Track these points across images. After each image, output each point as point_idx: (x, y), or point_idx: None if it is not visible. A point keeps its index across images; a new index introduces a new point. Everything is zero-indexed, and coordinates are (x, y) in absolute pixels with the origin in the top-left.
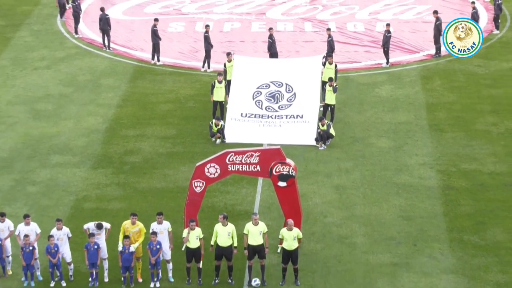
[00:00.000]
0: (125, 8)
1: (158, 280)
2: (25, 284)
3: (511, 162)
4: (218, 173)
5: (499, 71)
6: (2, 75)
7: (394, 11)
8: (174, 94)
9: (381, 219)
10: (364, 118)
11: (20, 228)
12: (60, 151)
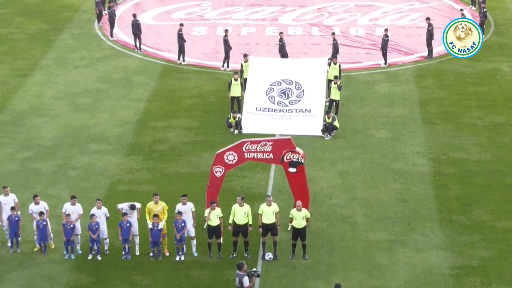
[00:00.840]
0: (154, 14)
1: (183, 254)
2: (66, 257)
3: (494, 152)
4: (236, 160)
5: (484, 71)
6: (46, 73)
7: (391, 17)
8: (197, 90)
9: (379, 201)
10: (365, 112)
11: (66, 206)
12: (97, 140)
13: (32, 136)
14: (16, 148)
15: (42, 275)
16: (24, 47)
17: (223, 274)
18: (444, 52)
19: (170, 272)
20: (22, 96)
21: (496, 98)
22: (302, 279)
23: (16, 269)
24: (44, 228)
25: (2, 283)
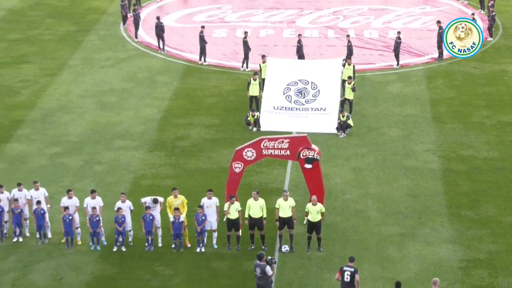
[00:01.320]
0: (177, 17)
1: (204, 246)
2: (92, 248)
3: (501, 149)
4: (254, 156)
5: (492, 72)
6: (74, 73)
7: (403, 20)
8: (218, 90)
9: (391, 196)
10: (378, 111)
11: (87, 201)
12: (122, 137)
13: (60, 133)
14: (45, 144)
15: (69, 265)
16: (53, 47)
17: (242, 265)
18: None
19: (191, 263)
20: (51, 95)
21: (503, 98)
22: (317, 271)
23: (44, 259)
24: (70, 222)
25: (32, 272)
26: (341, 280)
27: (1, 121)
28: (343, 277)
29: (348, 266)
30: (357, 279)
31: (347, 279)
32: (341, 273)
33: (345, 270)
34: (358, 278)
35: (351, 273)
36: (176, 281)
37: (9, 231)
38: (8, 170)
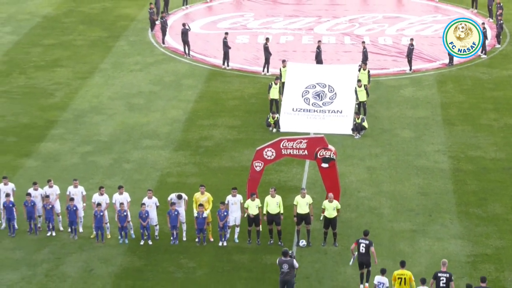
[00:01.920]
0: (202, 24)
1: (226, 240)
2: (120, 242)
3: (508, 151)
4: (274, 156)
5: (500, 77)
6: (104, 76)
7: (416, 28)
8: (240, 93)
9: (403, 194)
10: (391, 114)
11: (116, 197)
12: (149, 137)
13: (91, 133)
14: (77, 143)
15: (99, 257)
16: (85, 52)
17: (261, 258)
18: (463, 60)
19: (213, 256)
20: (83, 97)
21: (510, 101)
22: (333, 264)
23: (76, 252)
24: (101, 218)
25: (64, 263)
26: (358, 251)
27: (36, 121)
28: (359, 249)
29: (363, 239)
30: (372, 250)
31: (362, 251)
32: (357, 244)
33: (360, 243)
34: (373, 250)
35: (366, 245)
36: (199, 273)
37: (42, 225)
38: (42, 167)
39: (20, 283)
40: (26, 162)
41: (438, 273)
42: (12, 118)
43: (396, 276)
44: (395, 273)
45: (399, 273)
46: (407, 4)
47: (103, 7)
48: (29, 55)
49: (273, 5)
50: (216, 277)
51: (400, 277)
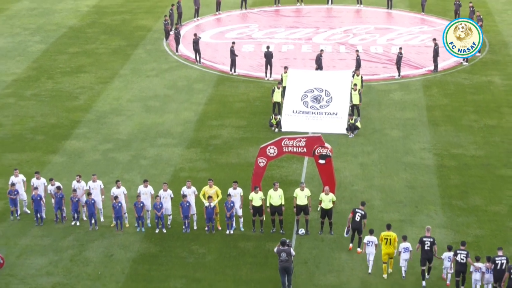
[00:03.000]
0: (211, 34)
1: (232, 229)
2: (137, 230)
3: (487, 149)
4: (276, 153)
5: (480, 83)
6: (124, 81)
7: (404, 38)
8: (245, 96)
9: (392, 188)
10: (382, 115)
11: (140, 189)
12: (164, 135)
13: (112, 132)
14: (99, 141)
15: (118, 244)
16: (106, 59)
17: (265, 245)
18: (447, 67)
19: (221, 243)
20: (104, 99)
21: (489, 104)
22: (329, 251)
23: (97, 239)
24: (119, 209)
25: (87, 249)
26: (352, 219)
27: (62, 122)
28: (354, 217)
29: (360, 209)
30: (364, 222)
31: (357, 219)
32: (353, 213)
33: (357, 212)
34: (365, 222)
35: (361, 215)
36: (209, 258)
37: (68, 215)
38: (67, 163)
39: (48, 267)
40: (53, 158)
41: (423, 238)
42: (40, 119)
43: (383, 236)
44: (382, 234)
45: (385, 234)
46: (396, 16)
47: (122, 19)
48: (56, 62)
49: (276, 17)
50: (224, 262)
51: (386, 238)
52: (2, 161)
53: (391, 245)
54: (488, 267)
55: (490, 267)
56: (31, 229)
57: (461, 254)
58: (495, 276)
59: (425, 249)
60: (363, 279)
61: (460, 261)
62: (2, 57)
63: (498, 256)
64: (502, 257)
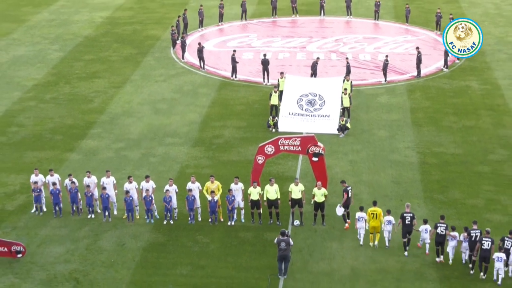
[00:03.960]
0: (214, 43)
1: (233, 221)
2: (147, 221)
3: (465, 147)
4: (273, 151)
5: (459, 87)
6: (135, 86)
7: (390, 46)
8: (245, 99)
9: (379, 183)
10: (369, 117)
11: (143, 184)
12: (171, 135)
13: (124, 132)
14: (112, 140)
15: (129, 234)
16: (119, 66)
17: (263, 235)
18: (429, 73)
19: (223, 233)
20: (116, 102)
21: (467, 107)
22: (321, 240)
23: (110, 229)
24: (131, 202)
25: (101, 239)
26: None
27: (78, 123)
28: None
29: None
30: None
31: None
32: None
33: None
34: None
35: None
36: (212, 247)
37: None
38: (83, 160)
39: (65, 255)
40: (70, 156)
41: (404, 213)
42: (59, 120)
43: (370, 212)
44: (369, 210)
45: (372, 210)
46: (382, 27)
47: (133, 29)
48: (73, 68)
49: (273, 27)
50: (226, 250)
51: (372, 213)
52: (24, 158)
53: (377, 219)
54: (465, 237)
55: (466, 237)
56: (50, 220)
57: (441, 227)
58: (470, 246)
59: (406, 223)
60: (353, 266)
61: (440, 233)
62: (24, 64)
63: (473, 229)
64: (476, 230)
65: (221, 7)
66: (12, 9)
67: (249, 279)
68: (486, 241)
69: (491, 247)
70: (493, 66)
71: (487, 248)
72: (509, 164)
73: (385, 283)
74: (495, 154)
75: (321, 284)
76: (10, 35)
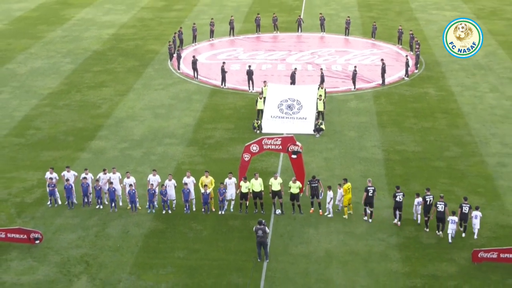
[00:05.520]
0: (206, 56)
1: (224, 210)
2: (148, 211)
3: (424, 146)
4: (257, 150)
5: (418, 94)
6: (137, 93)
7: (359, 58)
8: (233, 105)
9: (349, 177)
10: (341, 120)
11: (150, 177)
12: (169, 136)
13: (127, 133)
14: (117, 141)
15: (133, 222)
16: (123, 76)
17: (249, 223)
18: (392, 81)
19: (215, 221)
20: (121, 108)
21: (425, 111)
22: (300, 227)
23: (116, 219)
24: (134, 195)
25: (108, 227)
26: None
27: (88, 126)
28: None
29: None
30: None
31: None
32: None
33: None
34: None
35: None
36: (205, 233)
37: (93, 200)
38: (92, 159)
39: (77, 241)
40: (81, 155)
41: (367, 187)
42: (71, 123)
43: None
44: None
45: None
46: (352, 41)
47: (136, 44)
48: (83, 79)
49: (257, 42)
50: (217, 236)
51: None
52: (40, 157)
53: (350, 193)
54: (419, 202)
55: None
56: (64, 211)
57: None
58: (425, 209)
59: (369, 195)
60: (327, 249)
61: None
62: (40, 75)
63: (427, 195)
64: (430, 196)
65: (212, 24)
66: (30, 27)
67: (238, 261)
68: (440, 204)
69: (444, 209)
70: (447, 75)
71: (442, 210)
72: (461, 160)
73: (355, 264)
74: (450, 151)
75: (300, 265)
76: (28, 50)
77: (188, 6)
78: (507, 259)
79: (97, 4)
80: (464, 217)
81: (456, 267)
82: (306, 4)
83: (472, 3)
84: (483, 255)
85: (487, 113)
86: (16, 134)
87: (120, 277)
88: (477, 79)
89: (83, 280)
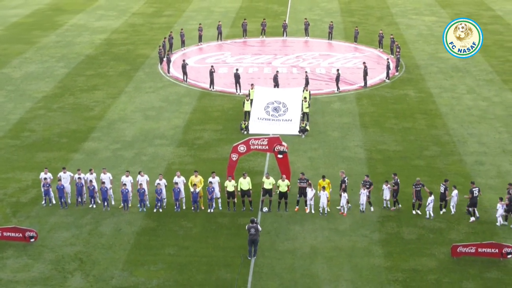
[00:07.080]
0: (195, 60)
1: (213, 208)
2: (140, 210)
3: (404, 145)
4: (245, 150)
5: (398, 95)
6: (128, 96)
7: (341, 62)
8: (221, 107)
9: (333, 175)
10: (325, 120)
11: (138, 178)
12: (159, 137)
13: (119, 135)
14: (110, 142)
15: (125, 221)
16: (115, 80)
17: (237, 220)
18: (374, 83)
19: (204, 219)
20: (113, 110)
21: (405, 112)
22: (286, 224)
23: (109, 217)
24: (126, 194)
25: (101, 225)
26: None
27: (81, 128)
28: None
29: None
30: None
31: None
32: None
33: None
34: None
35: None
36: (195, 231)
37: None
38: (85, 159)
39: (71, 239)
40: (74, 156)
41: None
42: (65, 126)
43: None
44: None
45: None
46: (335, 45)
47: (127, 49)
48: (76, 82)
49: (244, 46)
50: (206, 233)
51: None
52: (35, 158)
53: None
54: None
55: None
56: (58, 210)
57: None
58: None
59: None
60: (312, 245)
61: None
62: (35, 79)
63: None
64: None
65: (200, 29)
66: (24, 33)
67: (226, 257)
68: (418, 186)
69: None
70: (426, 78)
71: (419, 190)
72: (440, 159)
73: (339, 259)
74: (429, 150)
75: (286, 260)
76: (23, 54)
77: (177, 12)
78: (485, 253)
79: (90, 10)
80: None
81: (436, 262)
82: (291, 9)
83: (450, 8)
84: (462, 250)
85: (465, 113)
86: (12, 136)
87: (113, 273)
88: (454, 81)
89: (77, 277)
